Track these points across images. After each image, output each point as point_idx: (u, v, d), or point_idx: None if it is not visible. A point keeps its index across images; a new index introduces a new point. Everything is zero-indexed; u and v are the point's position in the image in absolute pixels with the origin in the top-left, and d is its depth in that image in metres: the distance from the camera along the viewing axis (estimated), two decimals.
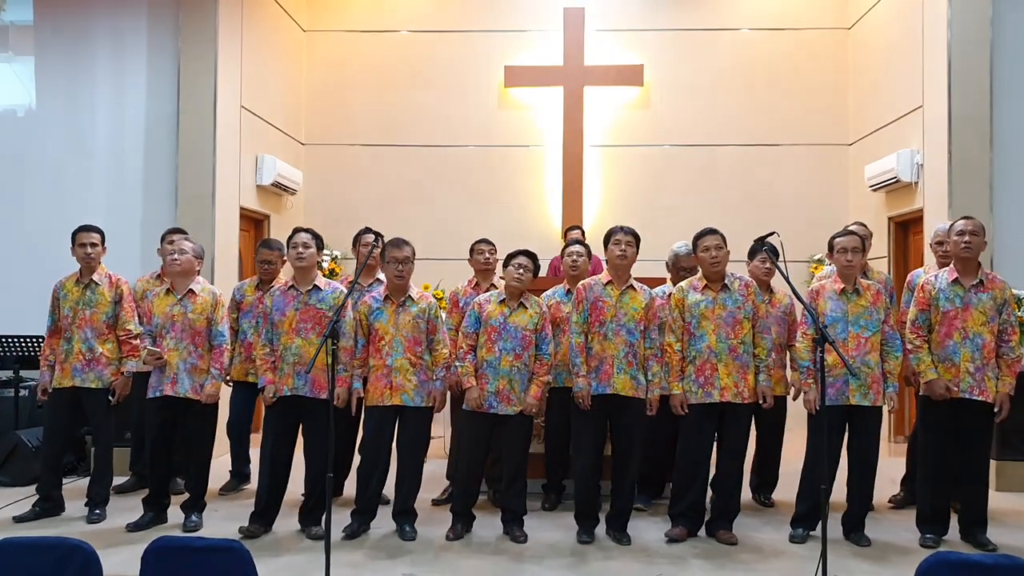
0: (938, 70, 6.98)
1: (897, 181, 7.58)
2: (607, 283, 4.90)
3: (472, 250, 5.81)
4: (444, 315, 5.61)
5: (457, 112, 9.31)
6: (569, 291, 5.37)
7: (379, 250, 5.35)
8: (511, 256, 5.00)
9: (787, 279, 4.38)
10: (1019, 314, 6.02)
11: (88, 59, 7.50)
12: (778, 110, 9.12)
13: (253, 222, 8.39)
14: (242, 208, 7.82)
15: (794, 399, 5.30)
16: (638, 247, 4.96)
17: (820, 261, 8.38)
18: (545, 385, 4.98)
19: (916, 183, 7.45)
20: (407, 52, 9.37)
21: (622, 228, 4.96)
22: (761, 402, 4.85)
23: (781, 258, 4.40)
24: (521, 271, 4.90)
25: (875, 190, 8.10)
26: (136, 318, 5.47)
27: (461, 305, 5.43)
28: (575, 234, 7.63)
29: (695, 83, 9.20)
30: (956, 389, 4.71)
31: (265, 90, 8.36)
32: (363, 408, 5.02)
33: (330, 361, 4.30)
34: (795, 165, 9.10)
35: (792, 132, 9.12)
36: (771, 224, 5.08)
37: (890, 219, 8.07)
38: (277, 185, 8.31)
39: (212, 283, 6.73)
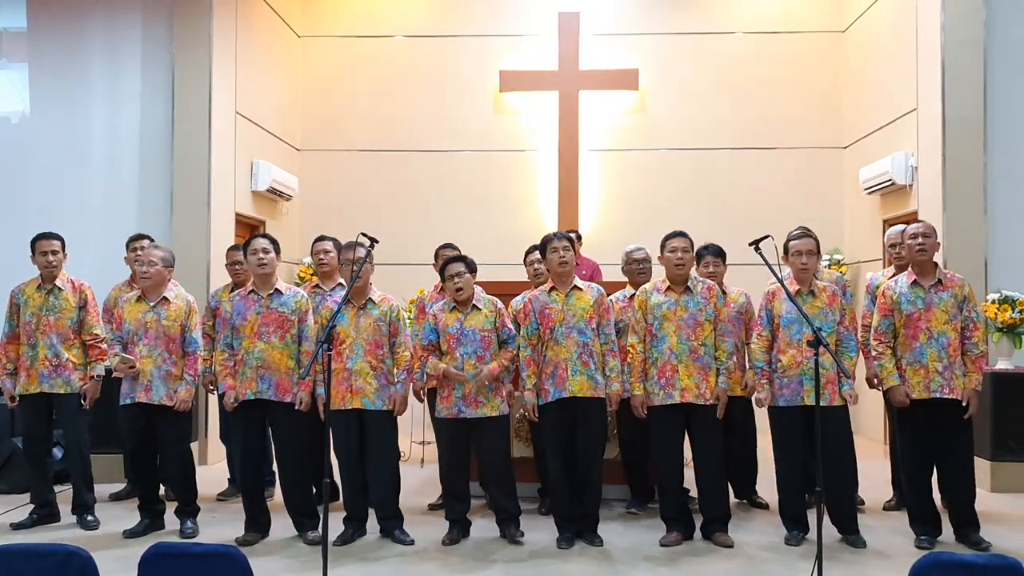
0: (932, 73, 7.01)
1: (892, 184, 7.60)
2: (551, 290, 4.92)
3: (437, 255, 5.77)
4: (413, 320, 5.60)
5: (452, 117, 9.32)
6: None
7: (332, 255, 5.42)
8: (443, 269, 4.98)
9: (781, 282, 4.40)
10: (1015, 315, 6.07)
11: (82, 65, 7.50)
12: (773, 113, 9.15)
13: (249, 228, 8.38)
14: (237, 214, 7.82)
15: (749, 395, 5.37)
16: (575, 250, 4.97)
17: None
18: (504, 369, 4.91)
19: (910, 186, 7.47)
20: (402, 57, 9.39)
21: (556, 235, 4.99)
22: (715, 401, 4.84)
23: (776, 261, 4.41)
24: (458, 279, 4.88)
25: (870, 193, 8.12)
26: (101, 322, 5.46)
27: (428, 311, 5.40)
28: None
29: (690, 87, 9.22)
30: (913, 396, 4.73)
31: (260, 96, 8.36)
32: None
33: (323, 366, 4.29)
34: (790, 168, 9.12)
35: (787, 135, 9.14)
36: (766, 227, 5.08)
37: (885, 221, 8.08)
38: (272, 191, 8.31)
39: (207, 290, 6.77)
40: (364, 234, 4.64)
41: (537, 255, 5.53)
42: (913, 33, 7.41)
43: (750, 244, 4.53)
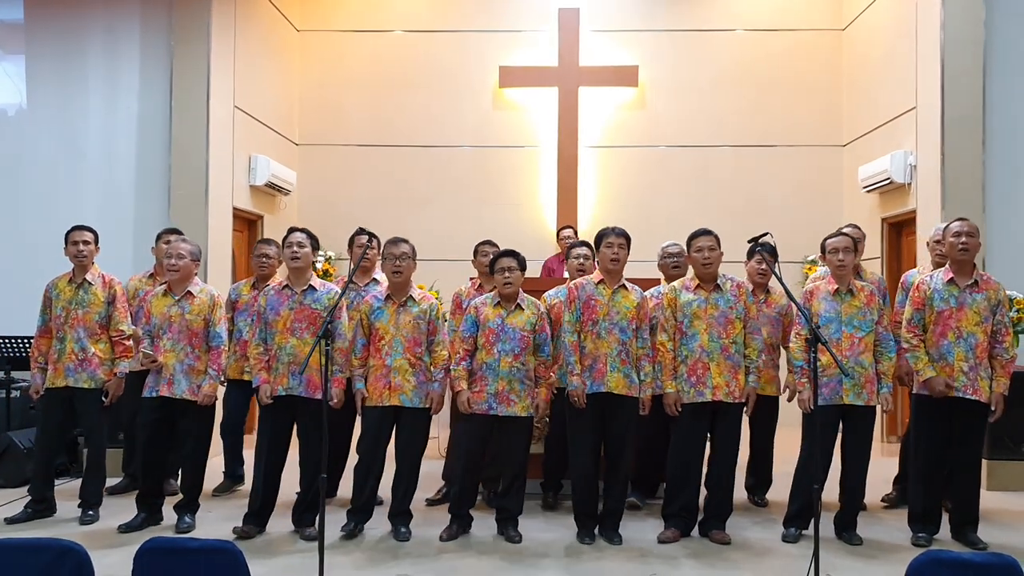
0: (931, 71, 7.00)
1: (890, 182, 7.59)
2: (599, 282, 4.91)
3: (476, 251, 5.83)
4: (448, 315, 5.61)
5: (452, 113, 9.30)
6: None
7: (373, 251, 5.36)
8: (494, 261, 4.98)
9: (780, 279, 4.39)
10: (1012, 314, 6.07)
11: (80, 58, 7.48)
12: (772, 111, 9.14)
13: (246, 223, 8.37)
14: (235, 208, 7.80)
15: (788, 400, 5.32)
16: (629, 248, 4.97)
17: (813, 262, 8.39)
18: (551, 387, 4.97)
19: (909, 184, 7.47)
20: (401, 52, 9.36)
21: (614, 230, 4.95)
22: (743, 400, 4.87)
23: (776, 258, 4.41)
24: (508, 274, 4.87)
25: (868, 191, 8.11)
26: (129, 319, 5.45)
27: (464, 307, 5.41)
28: (567, 233, 7.65)
29: (690, 84, 9.21)
30: (953, 387, 4.72)
31: (259, 90, 8.34)
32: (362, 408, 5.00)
33: (323, 361, 4.28)
34: (789, 166, 9.11)
35: (786, 133, 9.13)
36: (765, 225, 5.10)
37: (883, 220, 8.08)
38: (270, 185, 8.29)
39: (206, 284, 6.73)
40: (363, 229, 4.63)
41: (583, 249, 5.53)
42: (913, 31, 7.40)
43: (749, 241, 4.53)
